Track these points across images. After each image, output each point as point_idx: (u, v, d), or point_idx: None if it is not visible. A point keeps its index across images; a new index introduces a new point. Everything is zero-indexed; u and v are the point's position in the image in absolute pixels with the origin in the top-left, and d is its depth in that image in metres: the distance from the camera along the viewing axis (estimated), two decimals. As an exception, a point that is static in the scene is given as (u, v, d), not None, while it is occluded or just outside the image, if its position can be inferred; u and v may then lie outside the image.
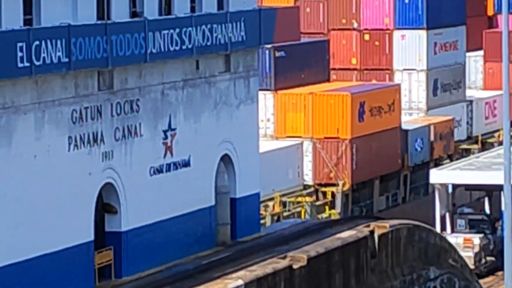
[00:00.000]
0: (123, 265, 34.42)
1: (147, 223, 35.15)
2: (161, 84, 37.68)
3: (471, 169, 69.21)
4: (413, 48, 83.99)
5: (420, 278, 48.03)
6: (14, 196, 27.23)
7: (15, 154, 27.30)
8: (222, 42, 39.95)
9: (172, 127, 37.60)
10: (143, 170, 35.01)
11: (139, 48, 33.63)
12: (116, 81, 33.59)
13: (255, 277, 34.61)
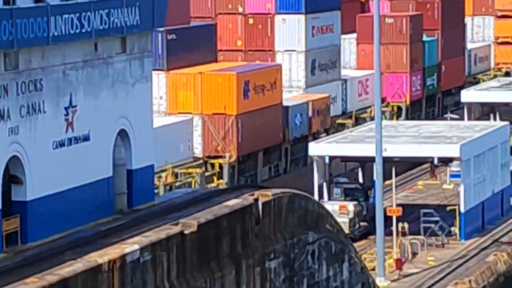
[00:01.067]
0: (28, 232, 34.86)
1: (50, 193, 35.65)
2: (63, 64, 38.10)
3: (345, 142, 72.36)
4: (293, 31, 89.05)
5: (300, 242, 49.14)
6: None
7: None
8: (118, 25, 41.03)
9: (73, 105, 38.08)
10: (46, 144, 35.60)
11: (42, 31, 34.46)
12: (21, 62, 34.20)
13: (150, 242, 35.39)
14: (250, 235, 44.15)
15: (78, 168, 38.59)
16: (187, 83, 73.82)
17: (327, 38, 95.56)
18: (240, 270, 43.20)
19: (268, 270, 45.43)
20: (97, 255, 33.16)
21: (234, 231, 42.90)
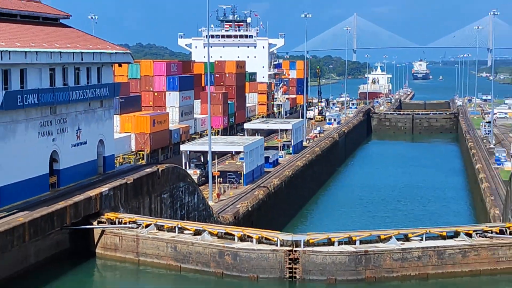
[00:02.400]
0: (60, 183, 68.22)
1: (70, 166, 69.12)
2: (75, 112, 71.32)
3: (196, 145, 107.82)
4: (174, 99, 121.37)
5: (176, 186, 78.62)
6: None
7: None
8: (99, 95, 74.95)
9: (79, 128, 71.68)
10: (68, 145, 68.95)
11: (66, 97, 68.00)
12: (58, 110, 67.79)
13: (112, 186, 67.03)
14: (155, 183, 74.64)
15: (81, 155, 71.04)
16: (129, 119, 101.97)
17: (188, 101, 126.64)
18: (151, 199, 73.62)
19: (163, 199, 75.64)
20: (90, 192, 63.35)
21: (148, 181, 73.39)
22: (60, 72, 66.36)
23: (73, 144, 69.97)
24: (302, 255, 56.68)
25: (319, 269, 56.94)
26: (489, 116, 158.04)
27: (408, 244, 59.03)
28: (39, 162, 62.73)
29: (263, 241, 58.78)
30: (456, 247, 58.80)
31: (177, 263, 59.50)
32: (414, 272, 57.90)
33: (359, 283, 57.10)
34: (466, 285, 59.23)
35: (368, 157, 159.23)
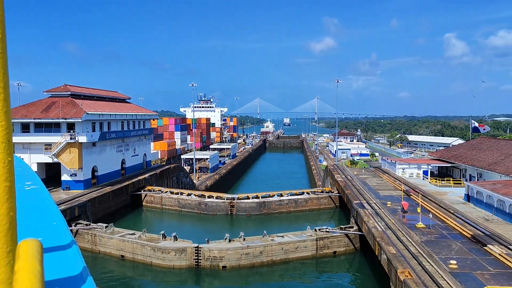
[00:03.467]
0: (98, 182, 67.19)
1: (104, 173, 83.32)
2: (130, 137, 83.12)
3: None
4: None
5: (178, 175, 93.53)
6: None
7: None
8: (139, 134, 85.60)
9: (133, 148, 78.51)
10: (128, 158, 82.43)
11: (124, 134, 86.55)
12: (125, 142, 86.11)
13: (149, 175, 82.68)
14: (170, 173, 77.98)
15: (136, 160, 78.09)
16: (157, 144, 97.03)
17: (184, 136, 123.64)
18: (168, 180, 76.56)
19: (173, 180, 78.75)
20: (140, 177, 72.81)
21: (167, 172, 78.23)
22: (126, 123, 72.68)
23: (132, 155, 75.83)
24: (235, 203, 62.12)
25: (243, 209, 61.97)
26: (315, 141, 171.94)
27: (282, 197, 64.11)
28: (116, 164, 69.16)
29: (218, 198, 64.05)
30: (303, 198, 64.18)
31: (179, 208, 64.78)
32: (284, 210, 63.11)
33: (260, 215, 61.38)
34: (307, 216, 60.63)
35: (265, 160, 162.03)
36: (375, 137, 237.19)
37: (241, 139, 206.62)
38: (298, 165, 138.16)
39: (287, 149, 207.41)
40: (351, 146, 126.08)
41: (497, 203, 42.60)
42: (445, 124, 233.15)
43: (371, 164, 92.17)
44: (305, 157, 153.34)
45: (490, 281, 25.86)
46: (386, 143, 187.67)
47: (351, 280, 38.95)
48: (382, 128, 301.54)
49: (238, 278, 38.46)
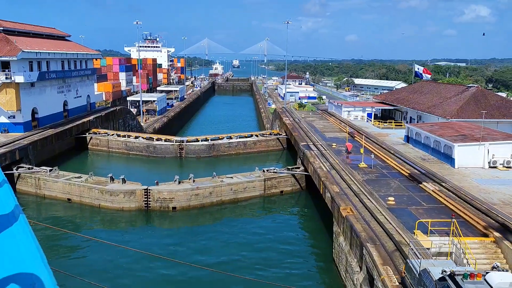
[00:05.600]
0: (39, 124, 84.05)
1: None
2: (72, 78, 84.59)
3: None
4: None
5: (124, 118, 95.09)
6: None
7: None
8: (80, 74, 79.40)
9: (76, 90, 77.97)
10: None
11: (64, 74, 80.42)
12: (67, 82, 79.71)
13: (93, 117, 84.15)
14: (115, 115, 78.71)
15: (79, 102, 74.27)
16: (101, 85, 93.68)
17: (129, 77, 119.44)
18: (114, 122, 79.87)
19: (119, 122, 79.12)
20: (84, 119, 70.63)
21: (112, 114, 76.54)
22: (66, 62, 68.70)
23: (75, 97, 72.28)
24: (185, 146, 61.91)
25: (193, 152, 62.07)
26: (265, 84, 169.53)
27: (231, 140, 64.43)
28: (57, 105, 66.07)
29: (167, 140, 63.50)
30: (252, 141, 65.06)
31: (127, 151, 63.86)
32: (233, 152, 63.81)
33: (210, 158, 61.76)
34: (256, 158, 61.40)
35: (214, 103, 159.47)
36: (323, 80, 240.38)
37: (189, 81, 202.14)
38: (247, 108, 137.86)
39: (236, 92, 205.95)
40: (299, 89, 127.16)
41: (434, 144, 45.36)
42: (390, 68, 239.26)
43: (319, 107, 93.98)
44: (254, 100, 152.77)
45: (423, 215, 28.10)
46: (334, 86, 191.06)
47: (297, 217, 40.80)
48: (330, 71, 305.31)
49: (188, 218, 39.23)
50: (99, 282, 25.95)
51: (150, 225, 38.53)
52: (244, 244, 33.49)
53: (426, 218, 26.42)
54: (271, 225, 37.71)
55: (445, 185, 34.07)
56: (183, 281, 27.39)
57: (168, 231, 36.70)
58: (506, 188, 33.90)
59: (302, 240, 35.05)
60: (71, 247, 32.31)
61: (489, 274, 15.11)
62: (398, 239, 23.95)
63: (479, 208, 28.67)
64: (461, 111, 56.02)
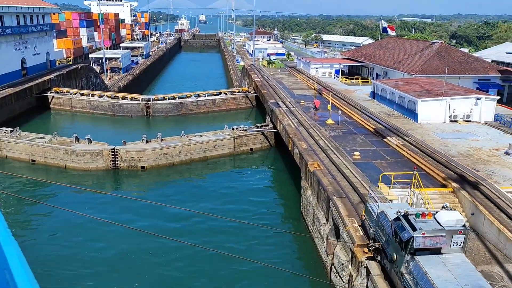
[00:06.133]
0: None
1: None
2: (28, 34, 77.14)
3: None
4: None
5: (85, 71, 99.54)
6: None
7: None
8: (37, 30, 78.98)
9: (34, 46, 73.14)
10: None
11: (20, 29, 74.61)
12: (24, 38, 75.22)
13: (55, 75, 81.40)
14: (78, 73, 76.89)
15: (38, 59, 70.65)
16: (61, 42, 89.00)
17: (90, 32, 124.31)
18: (76, 80, 76.86)
19: (82, 81, 79.86)
20: (44, 77, 68.04)
21: (74, 72, 75.35)
22: (22, 17, 65.62)
23: (33, 54, 69.17)
24: (151, 105, 61.03)
25: (160, 110, 61.32)
26: (233, 40, 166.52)
27: (199, 98, 63.87)
28: (15, 63, 63.38)
29: (133, 99, 62.31)
30: (220, 99, 64.76)
31: (91, 111, 62.45)
32: (202, 110, 63.40)
33: (178, 116, 61.26)
34: (225, 116, 61.67)
35: (180, 60, 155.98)
36: (292, 37, 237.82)
37: (154, 37, 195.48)
38: (215, 66, 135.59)
39: (204, 49, 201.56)
40: (268, 46, 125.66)
41: (398, 99, 46.47)
42: (358, 24, 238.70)
43: (287, 64, 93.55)
44: (222, 57, 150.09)
45: (387, 168, 29.23)
46: (302, 43, 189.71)
47: (266, 174, 41.58)
48: (298, 27, 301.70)
49: (158, 177, 39.35)
50: (69, 249, 26.02)
51: (119, 185, 38.46)
52: (214, 198, 34.12)
53: (389, 171, 27.47)
54: (241, 182, 38.35)
55: (408, 140, 35.27)
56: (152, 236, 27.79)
57: (137, 190, 36.77)
58: (465, 141, 35.47)
59: (271, 195, 35.86)
60: (35, 215, 31.76)
61: (439, 213, 16.34)
62: (362, 192, 24.91)
63: (439, 160, 30.00)
64: (425, 67, 57.16)
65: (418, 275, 15.13)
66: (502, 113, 44.43)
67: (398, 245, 16.39)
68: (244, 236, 28.00)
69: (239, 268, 24.30)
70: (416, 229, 15.70)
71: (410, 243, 15.67)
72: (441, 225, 15.89)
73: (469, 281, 14.31)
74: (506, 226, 20.94)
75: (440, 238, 15.53)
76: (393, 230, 16.85)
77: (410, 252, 15.83)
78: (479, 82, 56.40)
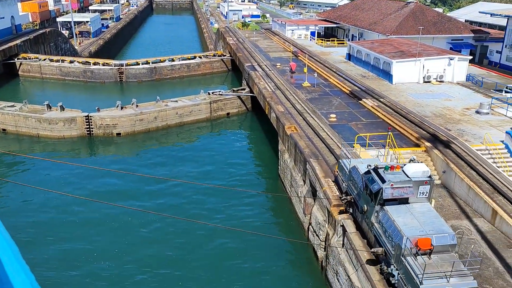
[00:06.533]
0: None
1: None
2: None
3: None
4: None
5: None
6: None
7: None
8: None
9: None
10: None
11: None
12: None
13: None
14: (45, 38, 73.53)
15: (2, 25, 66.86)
16: (25, 5, 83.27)
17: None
18: (44, 46, 76.26)
19: (51, 46, 77.23)
20: (10, 43, 63.80)
21: (42, 37, 72.51)
22: None
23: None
24: (125, 70, 59.75)
25: (133, 76, 60.10)
26: (206, 2, 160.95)
27: (174, 62, 62.56)
28: None
29: (105, 64, 60.78)
30: (195, 63, 63.61)
31: (62, 77, 60.75)
32: (177, 75, 62.27)
33: (152, 82, 60.25)
34: (200, 81, 60.50)
35: (153, 23, 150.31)
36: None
37: (125, 0, 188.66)
38: (189, 29, 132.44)
39: (177, 11, 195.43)
40: (242, 7, 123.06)
41: (373, 61, 46.72)
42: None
43: (262, 26, 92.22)
44: (196, 20, 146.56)
45: (362, 129, 29.75)
46: (277, 4, 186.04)
47: (243, 138, 41.75)
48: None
49: (134, 143, 39.08)
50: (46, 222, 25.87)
51: (95, 152, 38.05)
52: (191, 161, 34.27)
53: (365, 133, 28.03)
54: (218, 146, 38.45)
55: (383, 101, 35.76)
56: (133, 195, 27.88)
57: (114, 157, 36.53)
58: (438, 101, 36.22)
59: (249, 159, 36.20)
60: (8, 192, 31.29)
61: (406, 165, 17.23)
62: (338, 153, 25.31)
63: (413, 121, 30.64)
64: (400, 28, 57.25)
65: (387, 224, 16.01)
66: (474, 73, 45.36)
67: (369, 196, 17.25)
68: (222, 199, 28.30)
69: (218, 230, 24.68)
70: (385, 181, 16.49)
71: (380, 194, 16.47)
72: (408, 177, 16.72)
73: (433, 227, 15.26)
74: (475, 183, 21.82)
75: (407, 189, 16.36)
76: (364, 183, 17.71)
77: (379, 202, 16.65)
78: (452, 43, 56.98)
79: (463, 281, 13.94)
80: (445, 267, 14.15)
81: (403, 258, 14.68)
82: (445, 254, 14.73)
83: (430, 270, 13.95)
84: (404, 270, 14.59)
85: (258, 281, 21.19)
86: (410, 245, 14.69)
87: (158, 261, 22.48)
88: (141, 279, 21.24)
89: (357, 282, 17.23)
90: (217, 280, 21.18)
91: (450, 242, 14.90)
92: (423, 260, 14.27)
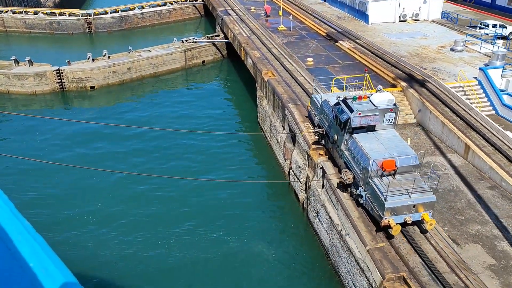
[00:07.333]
0: None
1: None
2: None
3: None
4: None
5: None
6: None
7: None
8: None
9: None
10: None
11: None
12: None
13: None
14: None
15: None
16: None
17: None
18: None
19: None
20: None
21: None
22: None
23: None
24: (93, 20, 57.60)
25: (103, 26, 58.01)
26: None
27: (144, 10, 60.58)
28: None
29: (72, 14, 58.22)
30: (166, 10, 61.46)
31: (27, 30, 58.17)
32: (148, 23, 60.42)
33: (123, 31, 58.36)
34: (173, 28, 59.15)
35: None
36: None
37: None
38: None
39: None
40: None
41: (349, 1, 45.82)
42: None
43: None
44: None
45: (339, 72, 29.71)
46: None
47: (220, 86, 41.32)
48: None
49: (109, 96, 38.31)
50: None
51: (69, 107, 37.20)
52: (168, 111, 33.97)
53: (342, 75, 28.02)
54: (195, 95, 38.06)
55: (359, 42, 35.51)
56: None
57: (89, 111, 35.79)
58: (413, 40, 36.16)
59: (227, 107, 36.01)
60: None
61: (373, 95, 18.14)
62: (316, 97, 25.41)
63: (389, 61, 30.70)
64: (376, -35, 55.64)
65: (355, 150, 17.07)
66: (449, 10, 45.07)
67: (338, 126, 18.20)
68: (202, 148, 28.46)
69: (203, 184, 24.97)
70: (353, 110, 17.37)
71: (348, 123, 17.41)
72: (375, 105, 17.64)
73: (397, 151, 16.42)
74: (449, 120, 22.38)
75: (374, 117, 17.32)
76: (334, 114, 18.65)
77: (348, 131, 17.60)
78: (428, -21, 55.89)
79: (424, 196, 15.20)
80: (408, 185, 15.34)
81: (370, 180, 15.73)
82: (408, 174, 15.88)
83: (393, 188, 15.11)
84: (371, 190, 15.68)
85: (243, 225, 21.81)
86: (376, 168, 15.73)
87: (147, 219, 22.66)
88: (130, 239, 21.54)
89: (337, 219, 17.92)
90: (204, 225, 21.70)
91: (413, 163, 16.00)
92: (388, 180, 15.44)
